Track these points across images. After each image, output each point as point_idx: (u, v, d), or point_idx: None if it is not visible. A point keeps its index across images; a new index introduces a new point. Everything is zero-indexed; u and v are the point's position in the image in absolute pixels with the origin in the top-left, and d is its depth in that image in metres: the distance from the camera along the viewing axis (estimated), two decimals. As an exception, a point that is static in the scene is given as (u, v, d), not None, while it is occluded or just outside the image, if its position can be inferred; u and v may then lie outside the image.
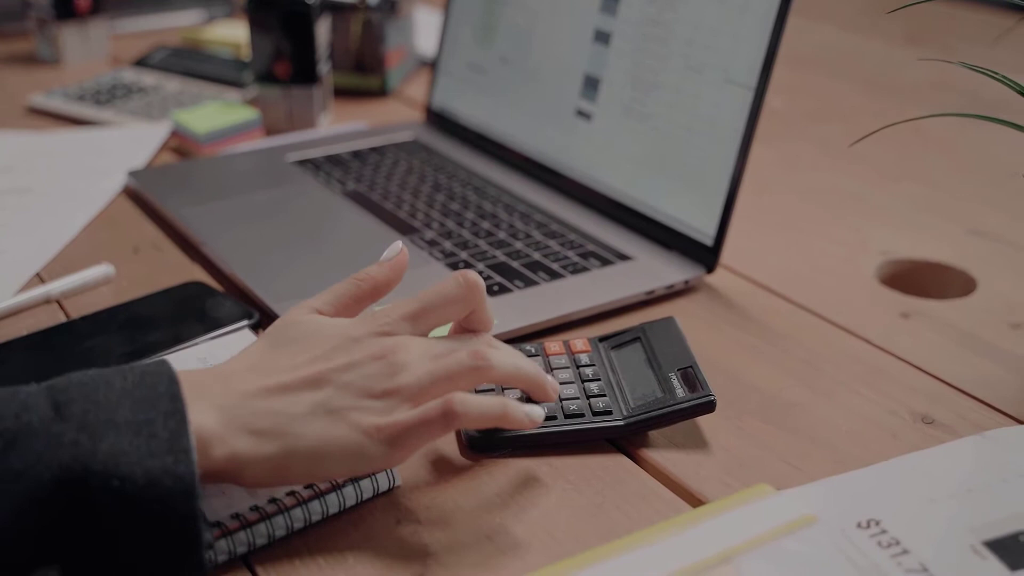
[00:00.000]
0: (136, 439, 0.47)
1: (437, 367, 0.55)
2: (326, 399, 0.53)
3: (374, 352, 0.54)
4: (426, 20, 1.39)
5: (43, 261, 0.83)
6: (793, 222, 0.94)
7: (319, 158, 1.00)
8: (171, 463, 0.46)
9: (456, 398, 0.53)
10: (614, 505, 0.58)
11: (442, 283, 0.58)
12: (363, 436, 0.52)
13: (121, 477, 0.46)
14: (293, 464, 0.52)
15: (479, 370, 0.55)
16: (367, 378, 0.53)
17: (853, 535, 0.52)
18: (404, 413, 0.53)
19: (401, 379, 0.54)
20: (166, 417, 0.48)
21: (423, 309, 0.58)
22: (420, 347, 0.56)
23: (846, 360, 0.72)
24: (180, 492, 0.46)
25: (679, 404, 0.61)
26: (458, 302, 0.58)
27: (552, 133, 0.95)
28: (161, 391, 0.49)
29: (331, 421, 0.52)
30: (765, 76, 0.77)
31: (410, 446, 0.53)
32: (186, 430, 0.48)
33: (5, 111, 1.16)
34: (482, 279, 0.58)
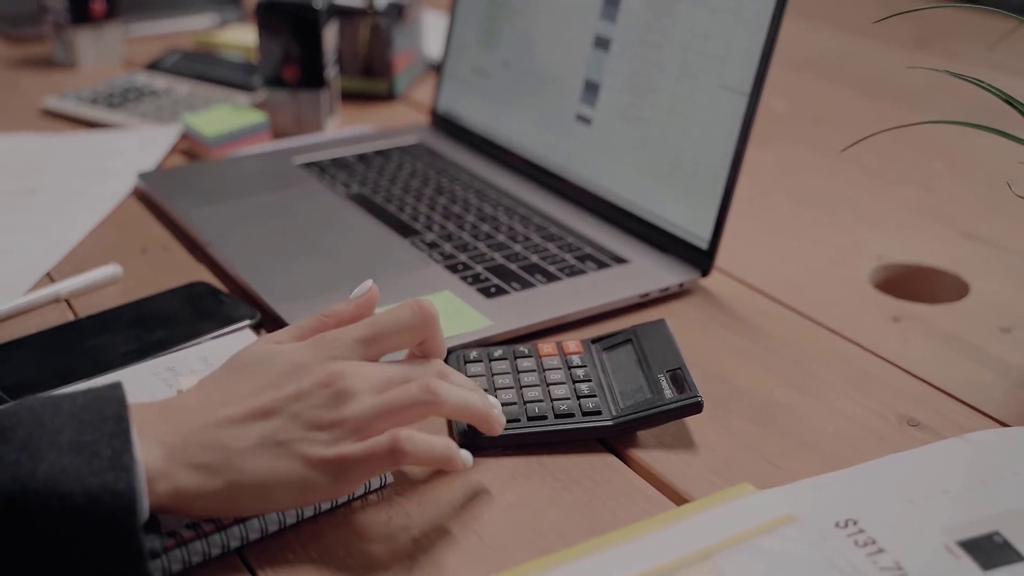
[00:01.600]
0: (77, 458, 0.47)
1: (386, 400, 0.54)
2: (272, 431, 0.53)
3: (321, 379, 0.54)
4: (435, 23, 1.41)
5: (53, 261, 0.85)
6: (788, 226, 0.95)
7: (325, 161, 1.02)
8: (111, 480, 0.47)
9: (403, 435, 0.53)
10: (601, 503, 0.59)
11: (396, 308, 0.58)
12: (308, 468, 0.52)
13: (60, 496, 0.46)
14: (239, 497, 0.52)
15: (428, 404, 0.55)
16: (314, 408, 0.53)
17: (831, 534, 0.54)
18: (350, 446, 0.53)
19: (347, 409, 0.53)
20: (111, 437, 0.48)
21: (376, 335, 0.57)
22: (369, 374, 0.55)
23: (835, 363, 0.73)
24: (120, 509, 0.46)
25: (667, 405, 0.63)
26: (411, 330, 0.58)
27: (553, 137, 0.96)
28: (108, 414, 0.49)
29: (276, 454, 0.52)
30: (759, 82, 0.78)
31: (356, 479, 0.53)
32: (130, 449, 0.48)
33: (20, 113, 1.18)
34: (435, 308, 0.59)
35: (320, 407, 0.53)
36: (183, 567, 0.53)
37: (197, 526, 0.54)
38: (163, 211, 0.93)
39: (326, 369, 0.54)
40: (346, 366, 0.55)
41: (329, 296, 0.76)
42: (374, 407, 0.54)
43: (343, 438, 0.53)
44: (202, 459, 0.51)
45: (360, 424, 0.53)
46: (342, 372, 0.54)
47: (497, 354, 0.68)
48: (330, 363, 0.55)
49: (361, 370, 0.55)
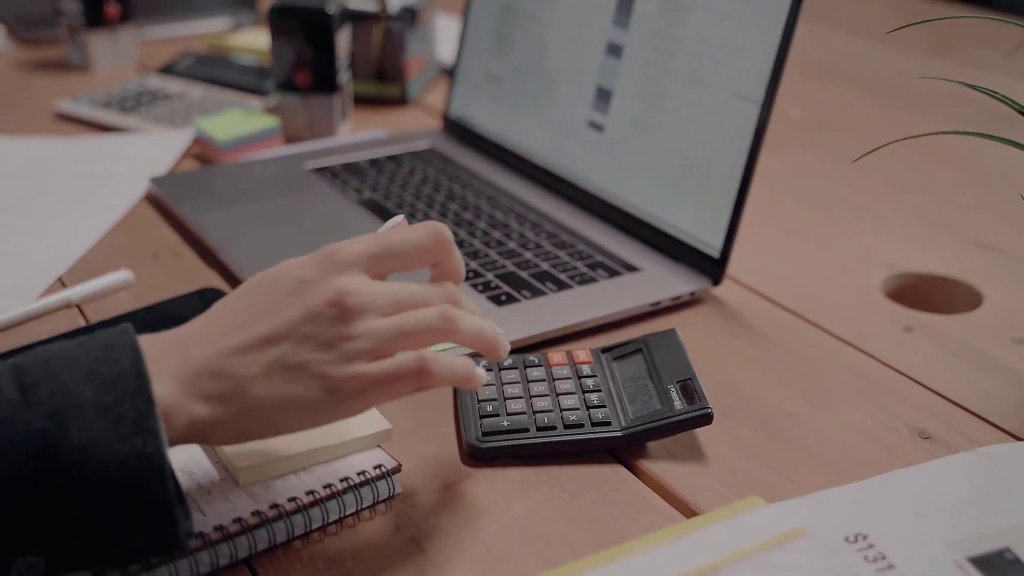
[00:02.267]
0: (103, 423, 0.47)
1: (402, 322, 0.53)
2: (282, 356, 0.51)
3: (328, 297, 0.52)
4: (447, 27, 1.41)
5: (65, 266, 0.85)
6: (800, 233, 0.95)
7: (336, 166, 1.02)
8: (140, 445, 0.47)
9: (430, 356, 0.53)
10: (610, 515, 0.59)
11: (409, 228, 0.56)
12: (323, 389, 0.51)
13: (92, 464, 0.46)
14: (255, 423, 0.52)
15: (445, 332, 0.54)
16: (323, 328, 0.51)
17: (840, 549, 0.53)
18: (369, 365, 0.52)
19: (359, 327, 0.52)
20: (133, 396, 0.47)
21: (386, 251, 0.55)
22: (380, 292, 0.53)
23: (846, 373, 0.73)
24: (151, 473, 0.47)
25: (677, 416, 0.62)
26: (423, 251, 0.56)
27: (565, 144, 0.96)
28: (126, 367, 0.48)
29: (289, 378, 0.51)
30: (772, 90, 0.78)
31: (375, 398, 0.53)
32: (152, 409, 0.48)
33: (34, 116, 1.19)
34: (449, 232, 0.56)
35: (328, 326, 0.52)
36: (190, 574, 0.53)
37: (204, 535, 0.54)
38: (175, 216, 0.94)
39: (332, 285, 0.52)
40: (353, 282, 0.53)
41: (339, 303, 0.76)
42: (390, 328, 0.52)
43: (355, 357, 0.52)
44: (214, 389, 0.51)
45: (374, 344, 0.52)
46: (349, 290, 0.52)
47: (507, 363, 0.68)
48: (336, 278, 0.53)
49: (369, 287, 0.53)
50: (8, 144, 1.10)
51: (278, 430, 0.53)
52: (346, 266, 0.53)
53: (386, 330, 0.52)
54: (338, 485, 0.58)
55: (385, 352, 0.52)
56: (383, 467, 0.59)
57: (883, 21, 1.63)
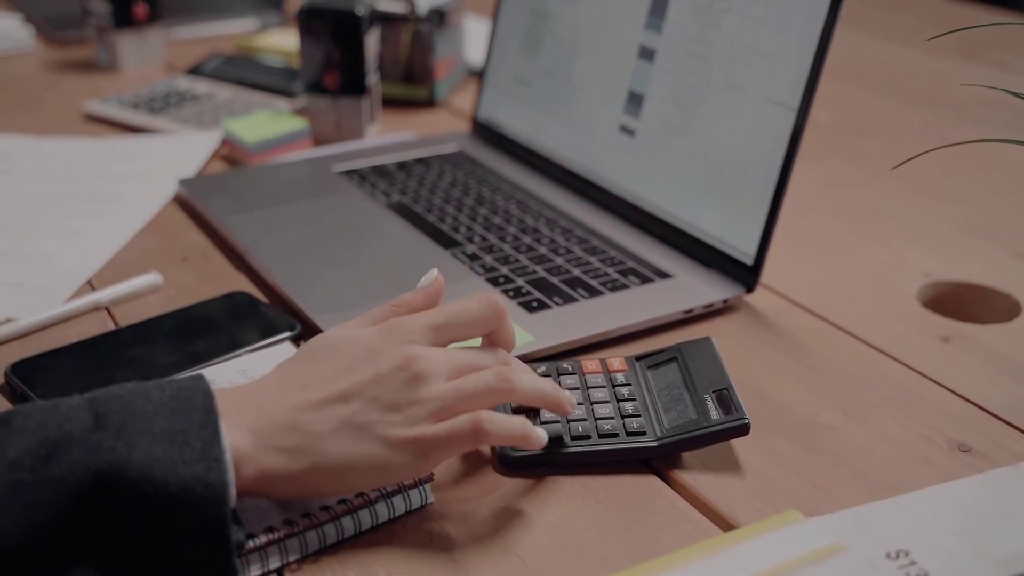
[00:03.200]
0: (170, 448, 0.49)
1: (463, 385, 0.57)
2: (352, 414, 0.54)
3: (397, 363, 0.56)
4: (476, 29, 1.40)
5: (94, 268, 0.85)
6: (834, 241, 0.94)
7: (365, 169, 1.02)
8: (203, 471, 0.49)
9: (485, 416, 0.55)
10: (644, 526, 0.58)
11: (467, 300, 0.60)
12: (389, 449, 0.54)
13: (155, 483, 0.48)
14: (322, 479, 0.54)
15: (503, 392, 0.57)
16: (392, 391, 0.55)
17: (881, 565, 0.52)
18: (431, 427, 0.55)
19: (424, 392, 0.55)
20: (200, 428, 0.50)
21: (447, 323, 0.59)
22: (443, 358, 0.57)
23: (883, 384, 0.72)
24: (211, 499, 0.48)
25: (713, 427, 0.62)
26: (481, 321, 0.60)
27: (596, 148, 0.95)
28: (196, 404, 0.51)
29: (357, 436, 0.54)
30: (808, 96, 0.77)
31: (436, 458, 0.56)
32: (219, 440, 0.50)
33: (63, 117, 1.19)
34: (503, 303, 0.61)
35: (397, 390, 0.55)
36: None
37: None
38: (203, 218, 0.93)
39: (401, 353, 0.56)
40: (419, 350, 0.57)
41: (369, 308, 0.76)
42: (453, 391, 0.56)
43: (420, 420, 0.55)
44: (286, 442, 0.53)
45: (438, 407, 0.55)
46: (416, 356, 0.56)
47: (540, 371, 0.67)
48: (404, 347, 0.57)
49: (434, 355, 0.57)
50: (37, 145, 1.10)
51: (344, 486, 0.55)
52: (412, 337, 0.58)
53: (448, 393, 0.56)
54: (370, 494, 0.57)
55: (446, 415, 0.56)
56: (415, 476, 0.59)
57: (910, 25, 1.62)
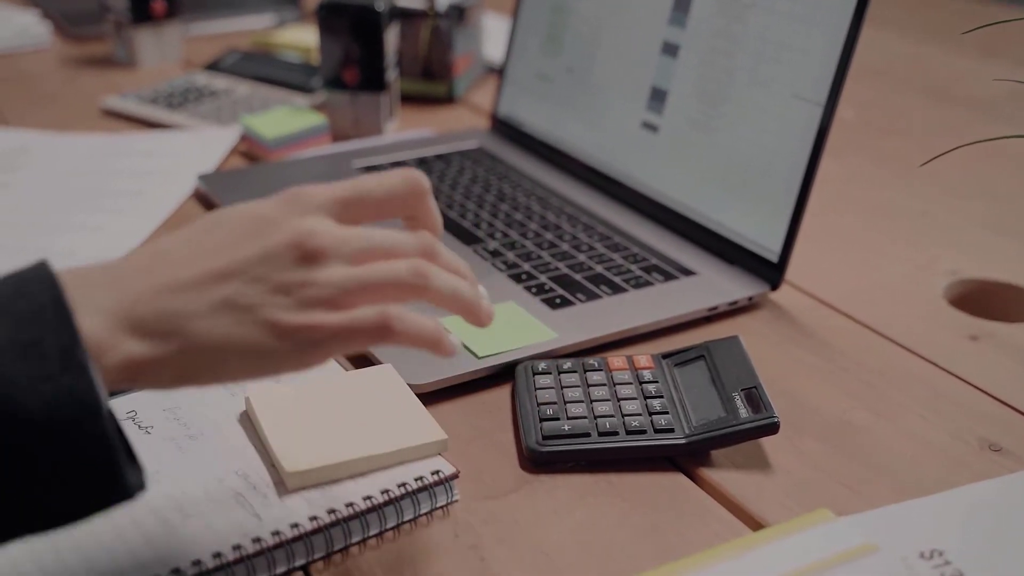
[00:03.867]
0: (24, 364, 0.42)
1: (367, 273, 0.48)
2: (231, 295, 0.46)
3: (291, 238, 0.47)
4: (494, 26, 1.40)
5: (114, 263, 0.84)
6: (858, 239, 0.93)
7: (384, 165, 1.01)
8: (67, 383, 0.42)
9: (394, 313, 0.48)
10: (672, 525, 0.58)
11: (384, 173, 0.52)
12: (273, 336, 0.46)
13: (15, 410, 0.41)
14: (195, 366, 0.46)
15: (415, 289, 0.49)
16: (280, 270, 0.47)
17: (915, 565, 0.52)
18: (326, 315, 0.47)
19: (321, 273, 0.47)
20: (55, 332, 0.42)
21: (356, 197, 0.50)
22: (348, 237, 0.49)
23: (911, 382, 0.71)
24: (84, 413, 0.42)
25: (742, 425, 0.61)
26: (397, 198, 0.51)
27: (618, 144, 0.95)
28: (43, 301, 0.43)
29: (236, 320, 0.46)
30: (835, 92, 0.76)
31: (329, 350, 0.48)
32: (77, 342, 0.42)
33: (81, 112, 1.18)
34: (426, 180, 0.52)
35: (287, 269, 0.47)
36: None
37: (261, 540, 0.53)
38: (223, 214, 0.93)
39: (294, 226, 0.47)
40: (319, 224, 0.48)
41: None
42: (353, 277, 0.48)
43: (313, 305, 0.47)
44: (151, 326, 0.45)
45: (334, 293, 0.47)
46: (313, 231, 0.47)
47: (566, 367, 0.67)
48: (300, 219, 0.48)
49: (336, 232, 0.48)
50: (56, 140, 1.09)
51: (221, 376, 0.48)
52: (313, 208, 0.49)
53: (348, 280, 0.48)
54: (396, 491, 0.57)
55: (345, 303, 0.48)
56: (441, 473, 0.58)
57: (931, 23, 1.61)
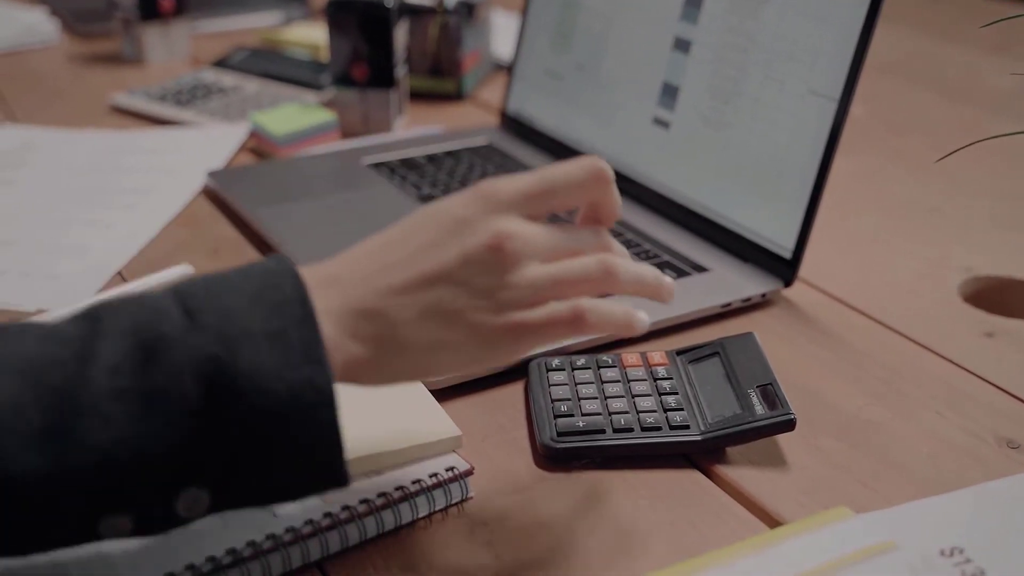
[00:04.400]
0: (272, 352, 0.45)
1: (562, 271, 0.52)
2: (438, 300, 0.50)
3: (488, 241, 0.50)
4: (503, 23, 1.39)
5: (124, 259, 0.84)
6: (871, 235, 0.93)
7: (394, 162, 1.01)
8: (309, 374, 0.46)
9: (587, 304, 0.51)
10: (688, 522, 0.57)
11: (568, 163, 0.54)
12: (480, 338, 0.50)
13: (263, 392, 0.45)
14: (407, 366, 0.51)
15: (604, 282, 0.52)
16: (481, 274, 0.50)
17: (935, 563, 0.51)
18: (526, 313, 0.51)
19: (519, 275, 0.50)
20: (299, 325, 0.46)
21: (545, 189, 0.53)
22: (539, 237, 0.52)
23: (927, 380, 0.71)
24: (321, 403, 0.46)
25: (758, 421, 0.60)
26: (584, 187, 0.54)
27: (628, 141, 0.94)
28: (289, 294, 0.47)
29: (445, 323, 0.50)
30: (849, 87, 0.75)
31: (530, 345, 0.52)
32: (318, 337, 0.47)
33: (89, 110, 1.18)
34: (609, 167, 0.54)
35: (487, 272, 0.50)
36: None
37: (276, 537, 0.53)
38: (233, 210, 0.93)
39: (491, 229, 0.50)
40: (513, 226, 0.51)
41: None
42: (549, 276, 0.51)
43: (514, 306, 0.50)
44: (369, 330, 0.49)
45: (532, 293, 0.51)
46: (509, 234, 0.50)
47: (580, 363, 0.66)
48: (495, 220, 0.51)
49: (528, 233, 0.51)
50: (65, 137, 1.09)
51: (429, 372, 0.52)
52: (504, 207, 0.51)
53: (545, 279, 0.51)
54: (410, 487, 0.56)
55: (541, 300, 0.51)
56: (455, 470, 0.58)
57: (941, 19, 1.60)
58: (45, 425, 0.43)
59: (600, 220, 0.56)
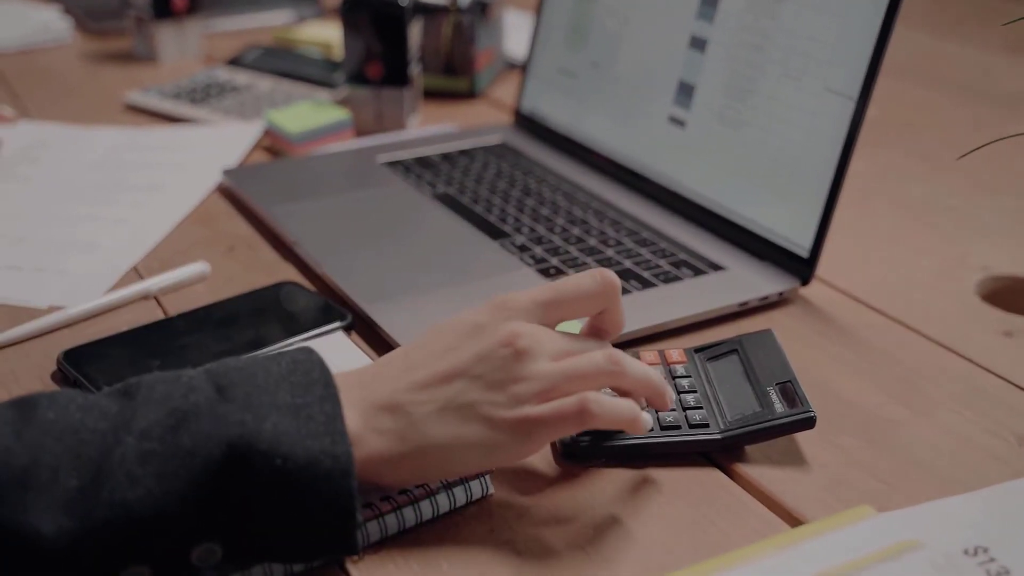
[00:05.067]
0: (295, 421, 0.49)
1: (572, 365, 0.54)
2: (455, 395, 0.53)
3: (501, 339, 0.54)
4: (515, 23, 1.39)
5: (138, 256, 0.84)
6: (887, 234, 0.92)
7: (409, 160, 1.01)
8: (328, 444, 0.49)
9: (592, 397, 0.53)
10: (709, 521, 0.57)
11: (578, 276, 0.58)
12: (493, 430, 0.53)
13: (283, 456, 0.48)
14: (426, 463, 0.53)
15: (612, 374, 0.55)
16: (495, 369, 0.53)
17: (960, 562, 0.51)
18: (535, 407, 0.53)
19: (530, 369, 0.54)
20: (321, 401, 0.50)
21: (556, 299, 0.57)
22: (547, 337, 0.55)
23: (945, 378, 0.70)
24: (338, 471, 0.48)
25: (778, 419, 0.60)
26: (593, 298, 0.57)
27: (644, 139, 0.94)
28: (315, 377, 0.51)
29: (461, 417, 0.53)
30: (868, 85, 0.75)
31: (540, 439, 0.54)
32: (340, 414, 0.50)
33: (103, 107, 1.18)
34: (617, 279, 0.58)
35: (501, 368, 0.53)
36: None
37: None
38: (248, 208, 0.93)
39: (505, 330, 0.54)
40: (524, 327, 0.55)
41: (421, 298, 0.75)
42: (560, 370, 0.54)
43: (525, 399, 0.53)
44: (390, 425, 0.52)
45: (544, 387, 0.53)
46: (520, 333, 0.54)
47: (598, 362, 0.66)
48: (509, 323, 0.55)
49: (539, 333, 0.55)
50: (79, 134, 1.09)
51: (449, 470, 0.54)
52: (518, 313, 0.56)
53: (555, 372, 0.54)
54: (431, 485, 0.56)
55: (551, 395, 0.54)
56: (475, 467, 0.58)
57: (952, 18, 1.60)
58: (78, 487, 0.46)
59: (605, 331, 0.60)
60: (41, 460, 0.46)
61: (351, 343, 0.72)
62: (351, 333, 0.73)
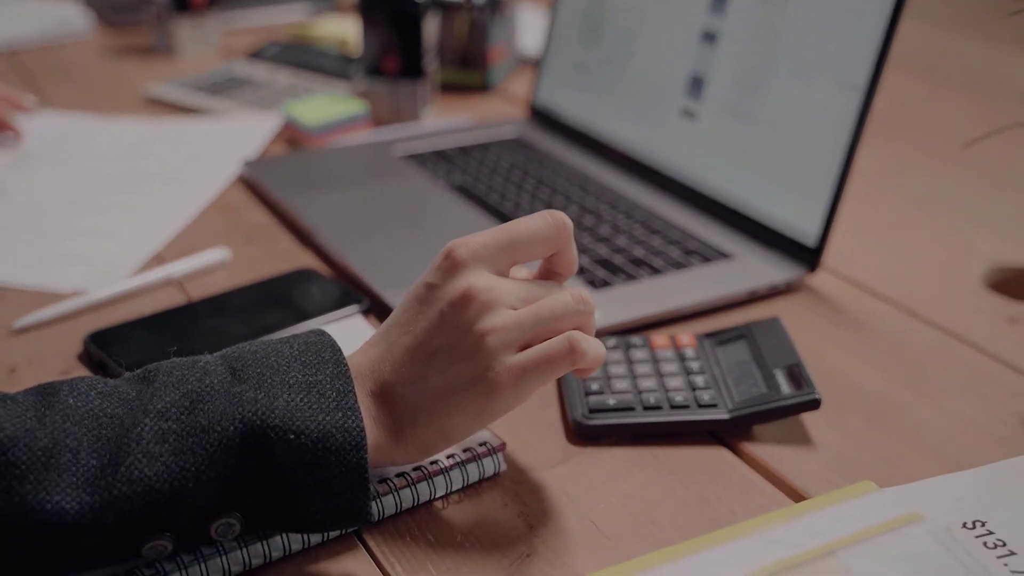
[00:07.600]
0: (308, 397, 0.50)
1: (545, 308, 0.53)
2: (439, 373, 0.53)
3: (452, 299, 0.53)
4: (529, 18, 1.41)
5: (159, 244, 0.86)
6: (895, 224, 0.94)
7: (425, 152, 1.02)
8: (340, 418, 0.50)
9: (578, 336, 0.53)
10: (717, 497, 0.59)
11: (530, 218, 0.56)
12: (483, 389, 0.52)
13: (296, 431, 0.49)
14: (428, 437, 0.54)
15: (583, 314, 0.54)
16: (460, 333, 0.52)
17: (959, 535, 0.52)
18: (520, 356, 0.52)
19: (492, 321, 0.52)
20: (333, 379, 0.51)
21: (510, 242, 0.55)
22: (505, 288, 0.54)
23: (951, 364, 0.72)
24: (350, 444, 0.50)
25: (784, 400, 0.62)
26: (546, 240, 0.55)
27: (656, 132, 0.96)
28: (327, 356, 0.52)
29: (447, 388, 0.53)
30: (875, 78, 0.77)
31: (533, 386, 0.53)
32: (351, 389, 0.51)
33: (124, 100, 1.20)
34: (568, 219, 0.56)
35: (463, 331, 0.52)
36: (303, 547, 0.54)
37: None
38: (268, 198, 0.94)
39: (455, 289, 0.53)
40: (476, 281, 0.53)
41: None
42: (532, 314, 0.53)
43: (501, 351, 0.52)
44: (382, 412, 0.53)
45: (519, 334, 0.53)
46: (473, 288, 0.53)
47: (610, 344, 0.68)
48: (460, 278, 0.53)
49: (494, 283, 0.54)
50: (101, 124, 1.11)
51: (448, 437, 0.54)
52: (468, 264, 0.54)
53: (529, 316, 0.53)
54: (445, 461, 0.58)
55: (530, 341, 0.53)
56: (488, 444, 0.59)
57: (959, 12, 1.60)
58: (97, 466, 0.47)
59: (559, 274, 0.58)
60: (62, 443, 0.47)
61: (369, 326, 0.73)
62: (369, 317, 0.75)
